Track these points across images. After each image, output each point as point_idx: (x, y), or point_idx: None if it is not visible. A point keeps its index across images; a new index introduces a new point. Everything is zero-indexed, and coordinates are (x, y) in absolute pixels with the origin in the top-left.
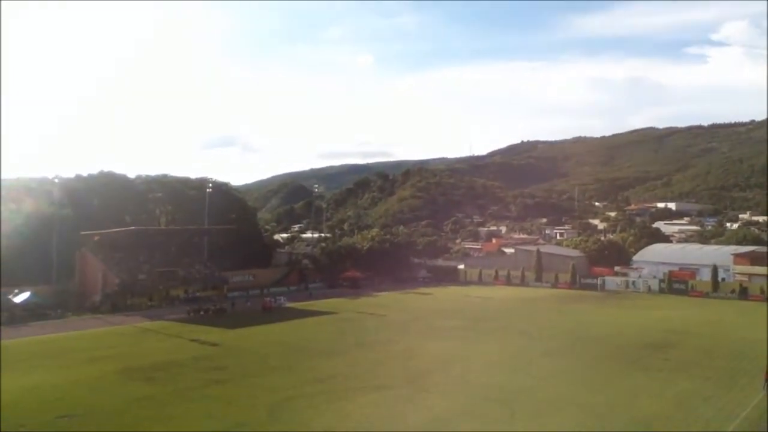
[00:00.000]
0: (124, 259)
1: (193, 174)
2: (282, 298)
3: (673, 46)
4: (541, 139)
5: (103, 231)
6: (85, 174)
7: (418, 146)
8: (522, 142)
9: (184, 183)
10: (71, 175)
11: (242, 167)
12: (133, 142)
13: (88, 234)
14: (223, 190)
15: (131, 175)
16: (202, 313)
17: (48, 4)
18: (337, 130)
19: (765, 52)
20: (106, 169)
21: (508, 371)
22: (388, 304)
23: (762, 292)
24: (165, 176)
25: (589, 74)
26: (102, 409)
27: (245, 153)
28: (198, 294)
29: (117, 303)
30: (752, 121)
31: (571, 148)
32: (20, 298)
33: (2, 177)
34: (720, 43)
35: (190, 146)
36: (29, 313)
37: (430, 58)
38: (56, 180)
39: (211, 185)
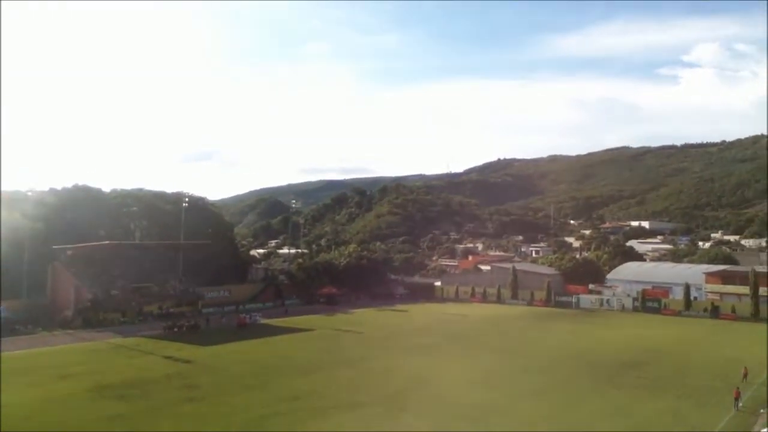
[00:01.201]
0: (98, 273)
1: (169, 188)
2: (257, 314)
3: (646, 67)
4: (518, 156)
5: (76, 245)
6: (59, 187)
7: (395, 163)
8: (498, 159)
9: (160, 197)
10: (45, 188)
11: (219, 182)
12: (108, 156)
13: (61, 248)
14: (199, 204)
15: (106, 188)
16: (175, 329)
17: (28, 18)
18: (315, 146)
19: (736, 74)
20: (80, 183)
21: (484, 389)
22: (364, 321)
23: (733, 311)
24: (140, 190)
25: (564, 93)
26: (73, 428)
27: (222, 167)
28: (172, 310)
29: (89, 318)
30: (723, 142)
31: (546, 166)
32: None
33: None
34: (691, 65)
35: (167, 160)
36: None
37: (409, 76)
38: (29, 193)
39: (187, 200)
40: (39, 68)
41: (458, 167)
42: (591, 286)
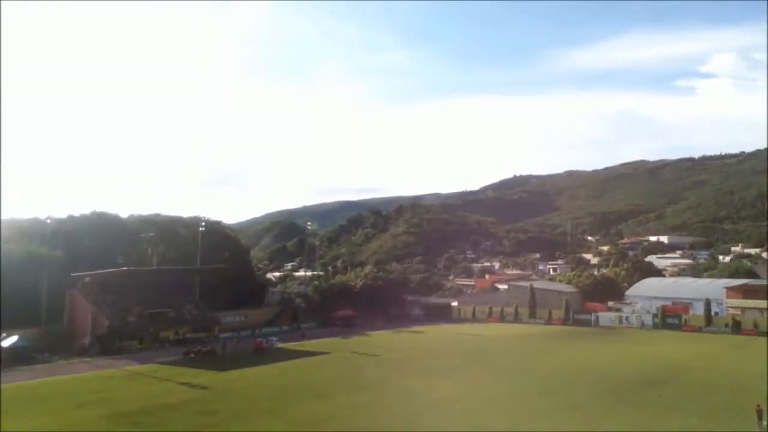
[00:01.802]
0: (115, 300)
1: (186, 213)
2: (274, 338)
3: (662, 79)
4: (534, 173)
5: (93, 272)
6: (77, 214)
7: (411, 182)
8: (514, 176)
9: (177, 222)
10: (63, 215)
11: (235, 205)
12: (126, 182)
13: (79, 275)
14: (215, 228)
15: (124, 214)
16: (192, 355)
17: (41, 45)
18: (330, 167)
19: (753, 83)
20: (98, 209)
21: (504, 411)
22: (381, 344)
23: (755, 325)
24: (157, 215)
25: (580, 108)
26: None
27: (238, 191)
28: (188, 335)
29: (106, 346)
30: (742, 153)
31: (563, 181)
32: (8, 341)
33: None
34: (709, 75)
35: (184, 185)
36: (16, 358)
37: (422, 94)
38: (48, 221)
39: (203, 224)
40: (55, 93)
41: (474, 185)
42: (610, 303)
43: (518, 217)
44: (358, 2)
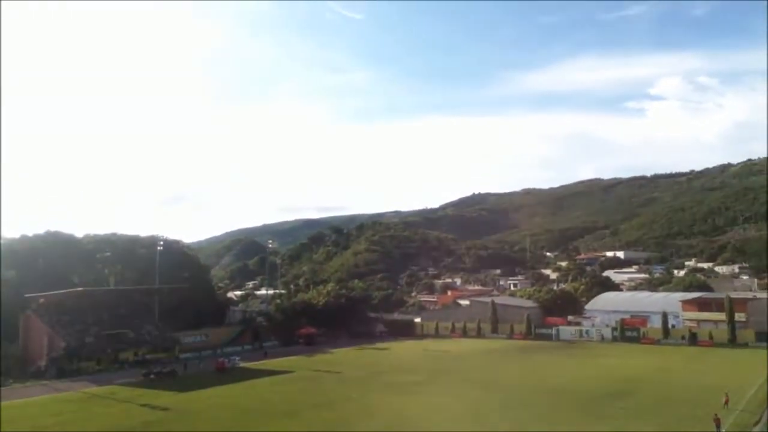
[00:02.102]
0: (71, 321)
1: (144, 232)
2: (236, 357)
3: (613, 101)
4: (492, 191)
5: (49, 293)
6: (30, 234)
7: (371, 200)
8: (473, 194)
9: (134, 241)
10: (16, 235)
11: (194, 224)
12: (81, 201)
13: (34, 296)
14: (174, 248)
15: (79, 234)
16: (152, 376)
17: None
18: (291, 185)
19: (699, 105)
20: (52, 229)
21: (468, 425)
22: (344, 361)
23: (710, 337)
24: (114, 235)
25: (536, 128)
26: None
27: (197, 209)
28: (148, 356)
29: (63, 368)
30: (692, 171)
31: (521, 199)
32: None
33: None
34: (657, 98)
35: (141, 203)
36: None
37: (383, 113)
38: (0, 241)
39: (162, 243)
40: (9, 110)
41: (434, 203)
42: (570, 318)
43: (478, 235)
44: (316, 22)
